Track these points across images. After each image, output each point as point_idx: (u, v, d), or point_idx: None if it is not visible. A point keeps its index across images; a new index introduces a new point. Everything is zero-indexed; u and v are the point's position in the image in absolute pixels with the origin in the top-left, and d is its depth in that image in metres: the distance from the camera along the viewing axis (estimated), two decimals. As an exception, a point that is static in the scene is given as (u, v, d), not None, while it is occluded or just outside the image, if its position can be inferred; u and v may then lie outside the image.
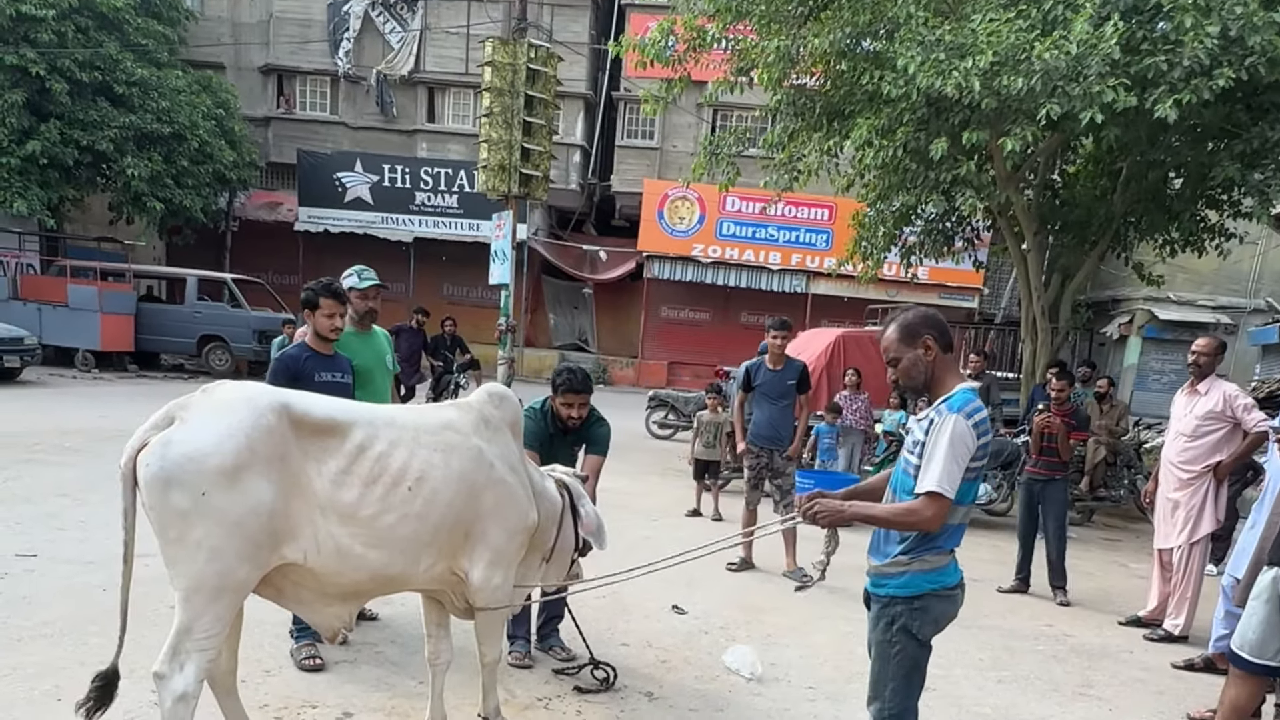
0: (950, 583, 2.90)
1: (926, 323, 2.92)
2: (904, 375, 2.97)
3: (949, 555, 2.91)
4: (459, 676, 4.31)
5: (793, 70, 10.45)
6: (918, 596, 2.87)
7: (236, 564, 2.82)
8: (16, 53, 16.81)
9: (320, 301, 4.56)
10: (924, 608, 2.87)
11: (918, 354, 2.91)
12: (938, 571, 2.87)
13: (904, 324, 2.94)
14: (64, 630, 4.59)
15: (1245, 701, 3.85)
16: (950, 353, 2.95)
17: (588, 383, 4.59)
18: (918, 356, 2.91)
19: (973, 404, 2.81)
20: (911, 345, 2.91)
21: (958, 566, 2.95)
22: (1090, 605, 6.90)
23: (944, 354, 2.92)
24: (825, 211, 23.16)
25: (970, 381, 2.93)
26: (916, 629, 2.88)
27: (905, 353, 2.92)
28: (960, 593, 2.96)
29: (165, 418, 2.84)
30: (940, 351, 2.90)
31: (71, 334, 17.11)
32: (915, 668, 2.96)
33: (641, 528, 8.23)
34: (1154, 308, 18.55)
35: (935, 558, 2.87)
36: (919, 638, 2.90)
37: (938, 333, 2.90)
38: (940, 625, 2.95)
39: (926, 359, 2.90)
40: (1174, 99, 7.74)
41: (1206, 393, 5.94)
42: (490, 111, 13.25)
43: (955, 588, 2.93)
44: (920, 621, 2.88)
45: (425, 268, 25.04)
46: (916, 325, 2.92)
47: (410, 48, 25.08)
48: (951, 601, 2.93)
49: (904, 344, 2.92)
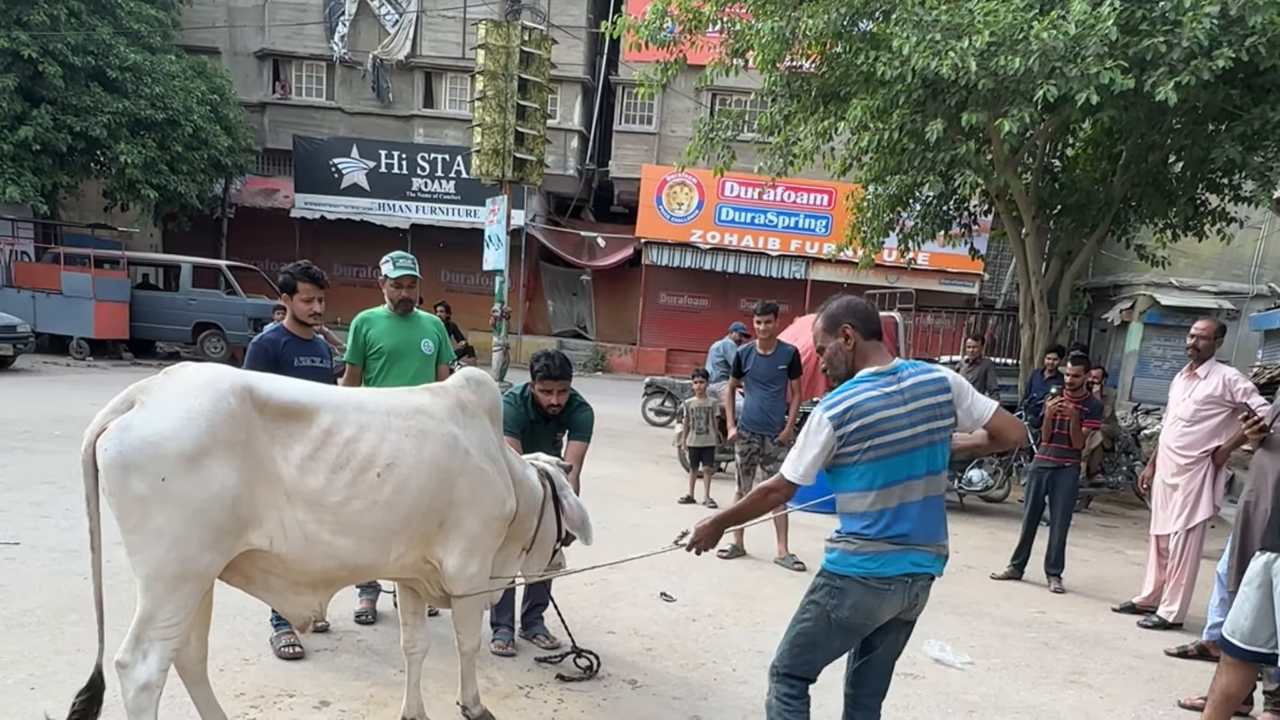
0: (883, 573, 2.80)
1: (848, 311, 2.98)
2: (827, 363, 3.05)
3: (889, 545, 2.81)
4: (440, 665, 4.26)
5: (788, 52, 10.34)
6: (840, 576, 2.85)
7: (198, 551, 2.75)
8: (9, 35, 16.66)
9: (298, 286, 4.48)
10: (843, 589, 2.84)
11: (838, 343, 2.97)
12: (868, 558, 2.81)
13: (828, 314, 3.02)
14: (42, 619, 4.53)
15: (1236, 689, 3.78)
16: (874, 339, 2.98)
17: (566, 369, 4.50)
18: (839, 345, 2.97)
19: (841, 395, 2.85)
20: (833, 334, 2.98)
21: (906, 561, 2.82)
22: (1085, 592, 6.84)
23: (865, 341, 2.95)
24: (824, 197, 23.04)
25: (881, 365, 2.93)
26: (831, 608, 2.85)
27: (828, 341, 3.00)
28: (896, 589, 2.82)
29: (125, 401, 2.76)
30: (861, 339, 2.95)
31: (66, 322, 17.05)
32: (814, 644, 2.94)
33: (633, 515, 8.16)
34: (1155, 293, 18.44)
35: (866, 543, 2.82)
36: (831, 617, 2.86)
37: (859, 321, 2.95)
38: (861, 614, 2.84)
39: (846, 348, 2.96)
40: (1173, 80, 7.65)
41: (1206, 377, 5.85)
42: (484, 95, 13.17)
43: (887, 580, 2.80)
44: (836, 602, 2.85)
45: (422, 255, 24.50)
46: (838, 314, 2.98)
47: (406, 32, 24.92)
48: (876, 594, 2.81)
49: (827, 333, 3.00)
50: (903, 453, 2.81)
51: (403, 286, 4.91)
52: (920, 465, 2.84)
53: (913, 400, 2.85)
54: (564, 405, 4.56)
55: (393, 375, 4.81)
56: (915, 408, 2.84)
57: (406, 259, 4.97)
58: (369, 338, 4.90)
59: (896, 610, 2.86)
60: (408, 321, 4.98)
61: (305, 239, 24.66)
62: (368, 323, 4.93)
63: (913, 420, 2.83)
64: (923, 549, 2.85)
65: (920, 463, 2.84)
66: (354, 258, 24.35)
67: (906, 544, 2.82)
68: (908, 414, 2.83)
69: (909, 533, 2.82)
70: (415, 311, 5.07)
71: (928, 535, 2.87)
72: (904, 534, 2.81)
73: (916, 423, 2.83)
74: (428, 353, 4.98)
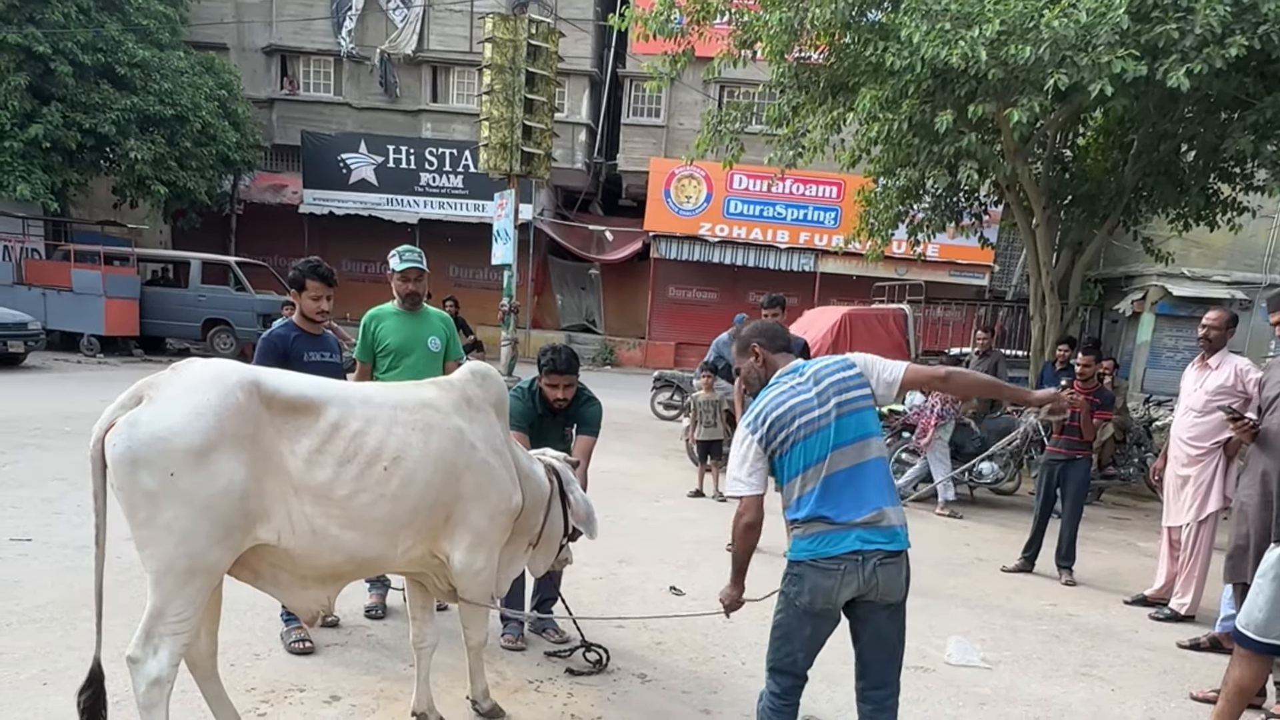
0: (827, 553, 2.89)
1: (755, 333, 3.28)
2: (745, 382, 3.35)
3: (829, 525, 2.90)
4: (449, 660, 4.26)
5: (796, 43, 10.29)
6: (795, 563, 2.98)
7: (207, 546, 2.75)
8: (21, 32, 16.70)
9: (307, 283, 4.49)
10: (800, 575, 2.95)
11: (750, 361, 3.25)
12: (813, 539, 2.92)
13: (739, 339, 3.33)
14: (55, 615, 4.55)
15: (1250, 681, 3.75)
16: (782, 352, 3.23)
17: (572, 363, 4.47)
18: (751, 364, 3.25)
19: (755, 403, 3.07)
20: (745, 355, 3.28)
21: (851, 538, 2.89)
22: (1096, 585, 6.80)
23: (773, 355, 3.21)
24: (833, 189, 22.96)
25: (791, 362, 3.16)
26: (793, 595, 2.97)
27: (743, 362, 3.30)
28: (847, 568, 2.88)
29: (133, 397, 2.76)
30: (769, 354, 3.21)
31: (76, 319, 17.13)
32: (787, 635, 3.03)
33: (641, 509, 8.15)
34: (1167, 284, 18.28)
35: (811, 524, 2.93)
36: (795, 604, 2.97)
37: (766, 339, 3.24)
38: (820, 597, 2.91)
39: (757, 365, 3.23)
40: (1185, 68, 7.57)
41: (1217, 367, 5.80)
42: (491, 89, 13.13)
43: (835, 560, 2.88)
44: (797, 589, 2.96)
45: (431, 249, 24.41)
46: (747, 337, 3.28)
47: (414, 26, 24.89)
48: (828, 574, 2.89)
49: (741, 355, 3.31)
50: (818, 430, 2.94)
51: (409, 280, 4.89)
52: (841, 436, 2.94)
53: (818, 382, 3.01)
54: (571, 400, 4.54)
55: (399, 372, 4.79)
56: (823, 386, 2.99)
57: (413, 252, 4.95)
58: (377, 335, 4.90)
59: (854, 589, 2.89)
60: (416, 318, 4.97)
61: (314, 235, 24.72)
62: (376, 320, 4.93)
63: (823, 399, 2.97)
64: (867, 524, 2.89)
65: (841, 433, 2.94)
66: (362, 253, 24.38)
67: (843, 519, 2.89)
68: (817, 394, 2.98)
69: (839, 503, 2.90)
70: (424, 307, 5.06)
71: (860, 502, 2.91)
72: (834, 504, 2.90)
73: (827, 399, 2.97)
74: (434, 350, 4.96)
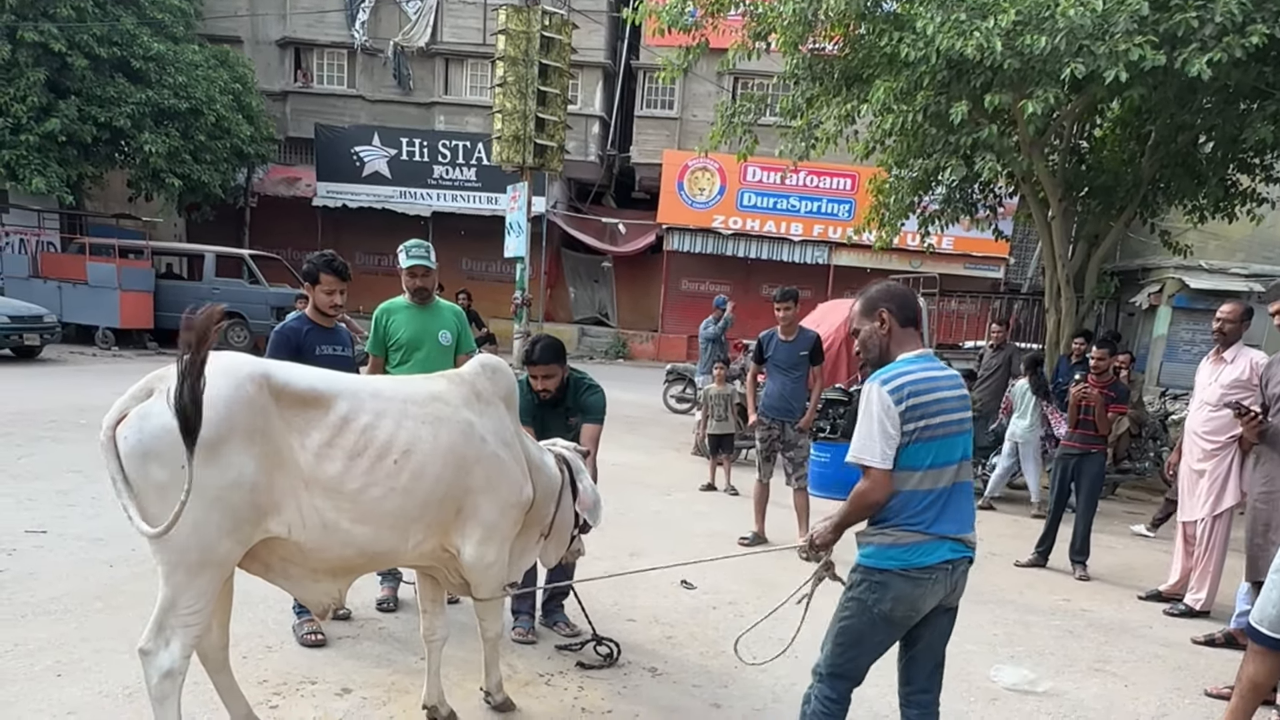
0: (920, 563, 2.79)
1: (886, 296, 2.97)
2: (862, 346, 3.03)
3: (922, 535, 2.79)
4: (460, 653, 4.27)
5: (810, 34, 10.22)
6: (878, 570, 2.83)
7: (218, 538, 2.76)
8: (37, 28, 16.78)
9: (321, 277, 4.50)
10: (884, 583, 2.82)
11: (874, 326, 2.96)
12: (904, 548, 2.79)
13: (867, 297, 3.01)
14: (69, 607, 4.58)
15: (1264, 678, 3.71)
16: (911, 327, 2.97)
17: (548, 354, 4.40)
18: (874, 329, 2.96)
19: (896, 370, 2.83)
20: (869, 318, 2.97)
21: (945, 549, 2.81)
22: (1110, 580, 6.76)
23: (901, 328, 2.94)
24: (847, 181, 22.85)
25: (919, 350, 2.93)
26: (872, 602, 2.84)
27: (864, 324, 2.99)
28: (938, 577, 2.81)
29: (144, 389, 2.77)
30: (897, 325, 2.94)
31: (91, 311, 17.20)
32: (858, 641, 2.92)
33: (653, 502, 8.15)
34: (1184, 276, 18.13)
35: (901, 533, 2.80)
36: (874, 611, 2.84)
37: (895, 306, 2.95)
38: (904, 606, 2.83)
39: (881, 331, 2.94)
40: (1205, 57, 7.49)
41: (1233, 361, 5.76)
42: (504, 81, 13.15)
43: (928, 570, 2.79)
44: (878, 596, 2.83)
45: (444, 242, 24.80)
46: (875, 298, 2.97)
47: (427, 19, 24.88)
48: (917, 584, 2.80)
49: (864, 316, 2.99)
50: (955, 434, 2.84)
51: (416, 276, 4.89)
52: (962, 450, 2.88)
53: (956, 385, 2.90)
54: (560, 389, 4.52)
55: (410, 366, 4.81)
56: (960, 394, 2.90)
57: (420, 248, 4.93)
58: (389, 328, 4.91)
59: (939, 598, 2.85)
60: (427, 311, 4.97)
61: (327, 228, 24.78)
62: (387, 313, 4.94)
63: (959, 405, 2.88)
64: (956, 539, 2.84)
65: (964, 447, 2.88)
66: (375, 246, 24.40)
67: (943, 533, 2.80)
68: (956, 399, 2.87)
69: (948, 518, 2.81)
70: (436, 300, 5.06)
71: (963, 522, 2.87)
72: (942, 519, 2.81)
73: (962, 406, 2.89)
74: (445, 343, 4.96)
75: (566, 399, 4.60)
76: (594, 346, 24.97)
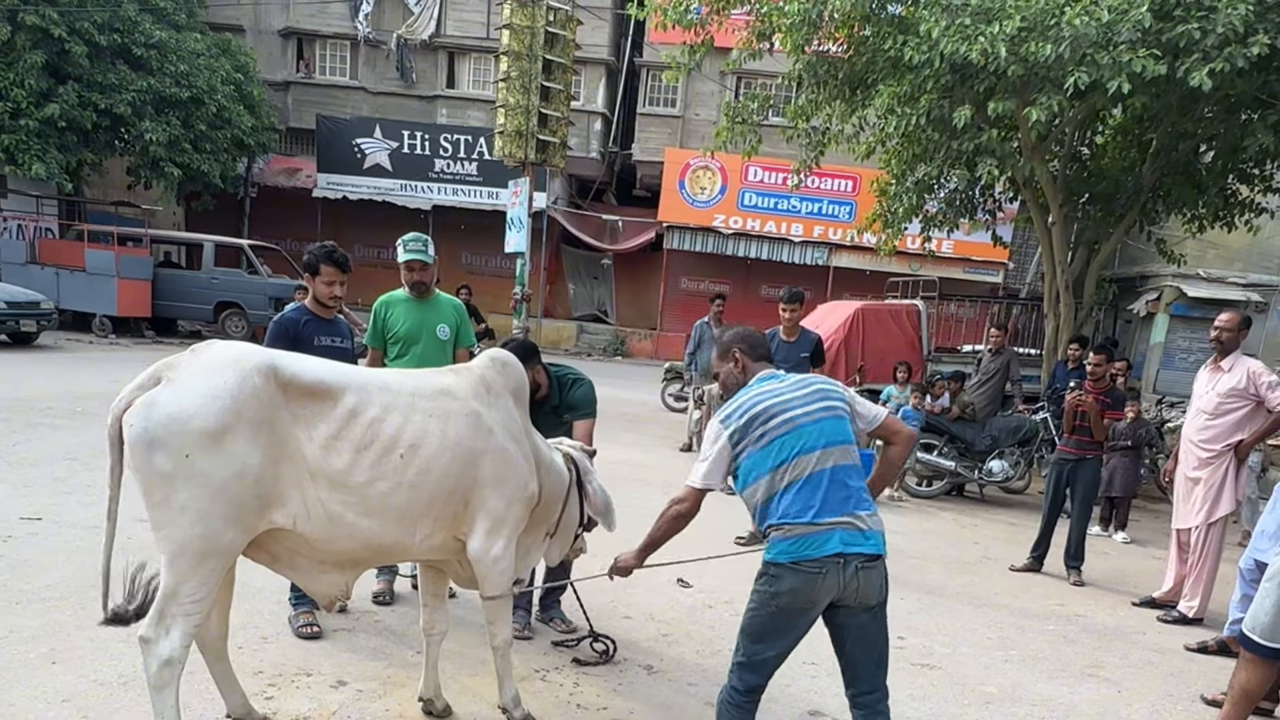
0: (809, 555, 2.83)
1: (737, 339, 3.27)
2: (723, 386, 3.30)
3: (807, 526, 2.85)
4: (457, 647, 4.28)
5: (815, 36, 10.23)
6: (774, 564, 2.92)
7: (222, 528, 2.77)
8: (38, 13, 16.73)
9: (321, 268, 4.48)
10: (777, 576, 2.90)
11: (729, 367, 3.24)
12: (793, 540, 2.86)
13: (720, 343, 3.31)
14: (65, 594, 4.58)
15: (1256, 685, 3.74)
16: (762, 361, 3.23)
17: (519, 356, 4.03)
18: (730, 369, 3.24)
19: (732, 402, 3.09)
20: (726, 359, 3.26)
21: (834, 540, 2.84)
22: (1105, 585, 6.79)
23: (753, 363, 3.22)
24: (849, 183, 22.86)
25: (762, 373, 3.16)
26: (769, 595, 2.92)
27: (722, 367, 3.28)
28: (828, 570, 2.82)
29: (151, 377, 2.78)
30: (750, 361, 3.22)
31: (89, 299, 17.16)
32: (760, 633, 2.97)
33: (652, 500, 8.12)
34: (1182, 284, 18.17)
35: (788, 527, 2.88)
36: (770, 604, 2.92)
37: (748, 346, 3.24)
38: (799, 598, 2.87)
39: (736, 370, 3.22)
40: (1207, 67, 7.51)
41: (1230, 369, 5.78)
42: (508, 76, 13.14)
43: (817, 562, 2.82)
44: (773, 589, 2.91)
45: (444, 236, 24.84)
46: (729, 342, 3.27)
47: (431, 11, 24.84)
48: (808, 577, 2.83)
49: (721, 360, 3.28)
50: (800, 425, 2.93)
51: (413, 271, 4.86)
52: (821, 437, 2.93)
53: (801, 388, 3.04)
54: (544, 388, 4.51)
55: (408, 359, 4.80)
56: (805, 393, 3.01)
57: (417, 242, 4.89)
58: (388, 321, 4.89)
59: (834, 592, 2.85)
60: (425, 305, 4.95)
61: (327, 219, 24.74)
62: (387, 306, 4.92)
63: (807, 399, 2.99)
64: (844, 525, 2.86)
65: (820, 435, 2.93)
66: (375, 238, 24.35)
67: (826, 519, 2.85)
68: (802, 395, 3.00)
69: (821, 503, 2.86)
70: (436, 294, 5.03)
71: (841, 503, 2.88)
72: (817, 506, 2.86)
73: (811, 400, 2.99)
74: (443, 338, 4.93)
75: (553, 397, 4.59)
76: (593, 343, 24.97)
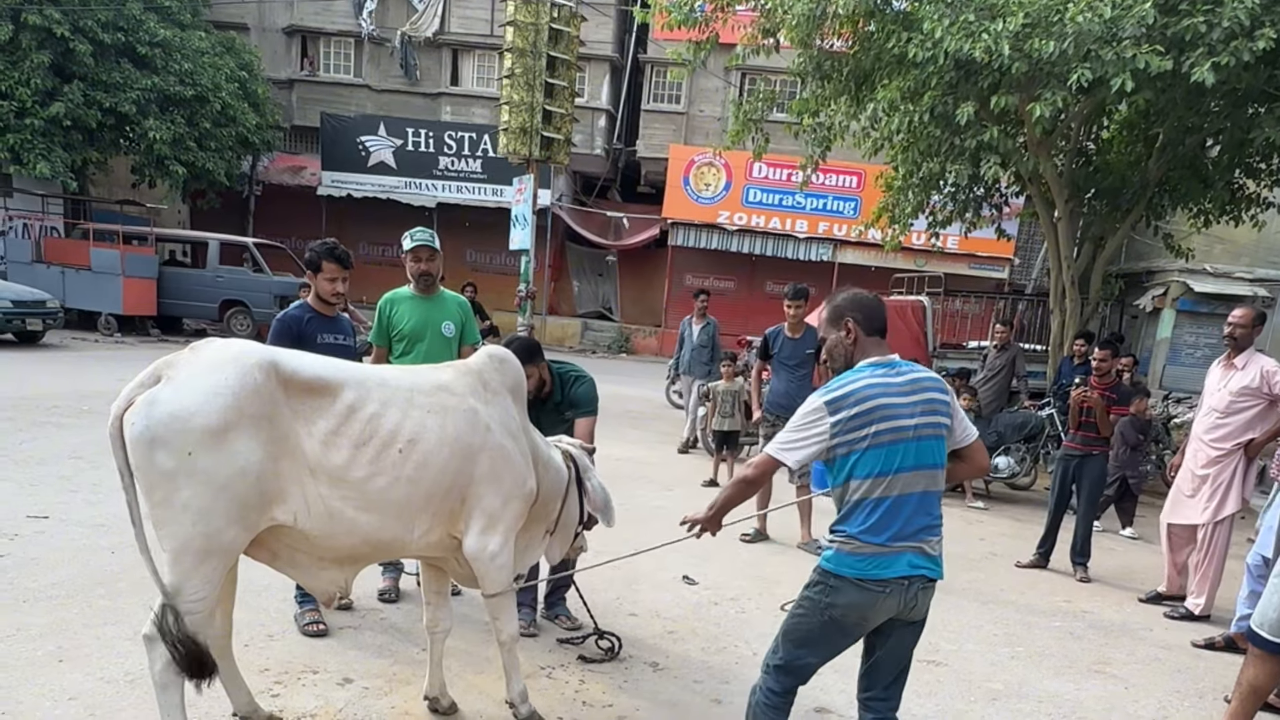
0: (876, 575, 2.73)
1: (852, 305, 2.96)
2: (828, 354, 3.03)
3: (880, 547, 2.74)
4: (462, 645, 4.28)
5: (819, 32, 10.20)
6: (835, 575, 2.80)
7: (224, 525, 2.76)
8: (41, 13, 16.74)
9: (323, 265, 4.48)
10: (837, 588, 2.79)
11: (839, 335, 2.96)
12: (861, 558, 2.75)
13: (833, 305, 3.01)
14: (71, 592, 4.58)
15: (1264, 681, 3.73)
16: (876, 335, 2.95)
17: (522, 354, 4.09)
18: (840, 338, 2.96)
19: (842, 380, 2.84)
20: (836, 326, 2.97)
21: (903, 563, 2.75)
22: (1111, 582, 6.76)
23: (866, 336, 2.93)
24: (853, 179, 22.82)
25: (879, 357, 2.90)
26: (824, 605, 2.82)
27: (831, 332, 2.99)
28: (892, 591, 2.74)
29: (152, 376, 2.77)
30: (862, 334, 2.93)
31: (94, 297, 17.20)
32: (806, 639, 2.89)
33: (655, 498, 8.15)
34: (1189, 280, 18.08)
35: (859, 544, 2.76)
36: (824, 614, 2.82)
37: (863, 315, 2.94)
38: (854, 613, 2.79)
39: (847, 341, 2.94)
40: (1212, 62, 7.47)
41: (1243, 367, 5.72)
42: (512, 73, 13.11)
43: (883, 583, 2.73)
44: (830, 600, 2.81)
45: (448, 234, 24.70)
46: (842, 307, 2.97)
47: (435, 8, 24.82)
48: (870, 594, 2.74)
49: (830, 324, 3.00)
50: (902, 441, 2.76)
51: (420, 259, 4.84)
52: (920, 457, 2.78)
53: (914, 392, 2.82)
54: (547, 386, 4.51)
55: (412, 357, 4.79)
56: (917, 400, 2.81)
57: (424, 232, 4.90)
58: (392, 319, 4.88)
59: (892, 612, 2.79)
60: (430, 302, 4.93)
61: (331, 217, 24.76)
62: (391, 303, 4.91)
63: (913, 410, 2.79)
64: (913, 549, 2.78)
65: (920, 454, 2.79)
66: (380, 236, 24.38)
67: (900, 543, 2.75)
68: (909, 404, 2.79)
69: (901, 527, 2.75)
70: (440, 291, 5.03)
71: (918, 531, 2.79)
72: (896, 528, 2.75)
73: (917, 413, 2.79)
74: (448, 335, 4.92)
75: (555, 394, 4.59)
76: (597, 340, 24.97)
